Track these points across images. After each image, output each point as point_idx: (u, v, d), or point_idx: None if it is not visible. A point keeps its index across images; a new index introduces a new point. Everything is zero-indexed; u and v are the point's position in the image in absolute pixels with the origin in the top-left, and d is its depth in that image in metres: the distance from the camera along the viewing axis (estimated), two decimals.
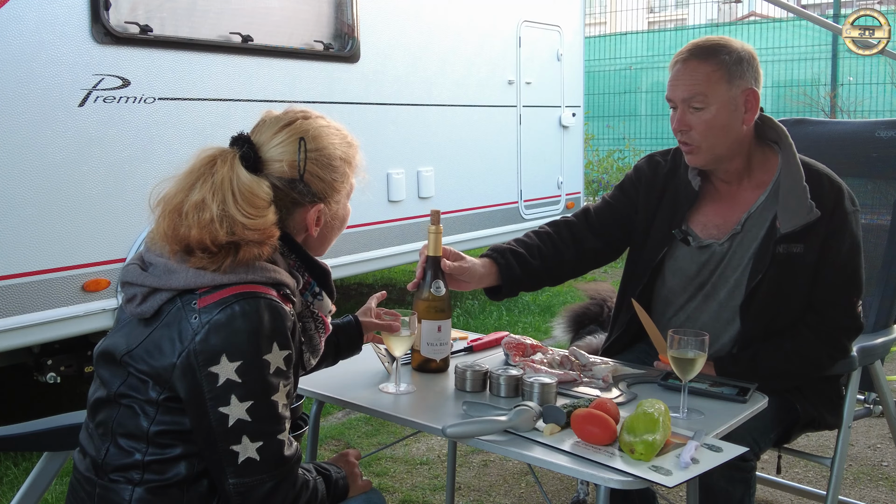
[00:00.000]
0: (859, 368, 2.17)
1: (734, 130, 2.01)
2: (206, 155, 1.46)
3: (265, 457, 1.37)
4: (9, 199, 3.06)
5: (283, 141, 1.50)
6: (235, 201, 1.40)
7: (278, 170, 1.49)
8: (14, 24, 3.07)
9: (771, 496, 3.00)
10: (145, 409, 1.39)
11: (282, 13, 4.22)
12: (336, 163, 1.55)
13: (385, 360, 2.04)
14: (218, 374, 1.33)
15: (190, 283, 1.38)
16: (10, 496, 2.90)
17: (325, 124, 1.57)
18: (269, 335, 1.36)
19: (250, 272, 1.40)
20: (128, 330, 1.44)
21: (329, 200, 1.55)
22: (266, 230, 1.42)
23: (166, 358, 1.36)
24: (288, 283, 1.46)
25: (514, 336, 2.17)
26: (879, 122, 2.63)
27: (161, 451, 1.39)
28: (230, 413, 1.34)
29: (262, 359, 1.36)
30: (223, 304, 1.35)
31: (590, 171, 9.01)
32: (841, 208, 2.01)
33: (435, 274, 2.00)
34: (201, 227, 1.38)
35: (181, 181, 1.44)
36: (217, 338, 1.34)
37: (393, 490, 3.09)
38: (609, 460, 1.47)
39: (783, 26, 10.26)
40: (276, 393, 1.38)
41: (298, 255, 1.54)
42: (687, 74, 2.00)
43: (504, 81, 5.68)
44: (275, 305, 1.38)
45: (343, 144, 1.58)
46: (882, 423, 3.45)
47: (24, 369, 3.45)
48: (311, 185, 1.51)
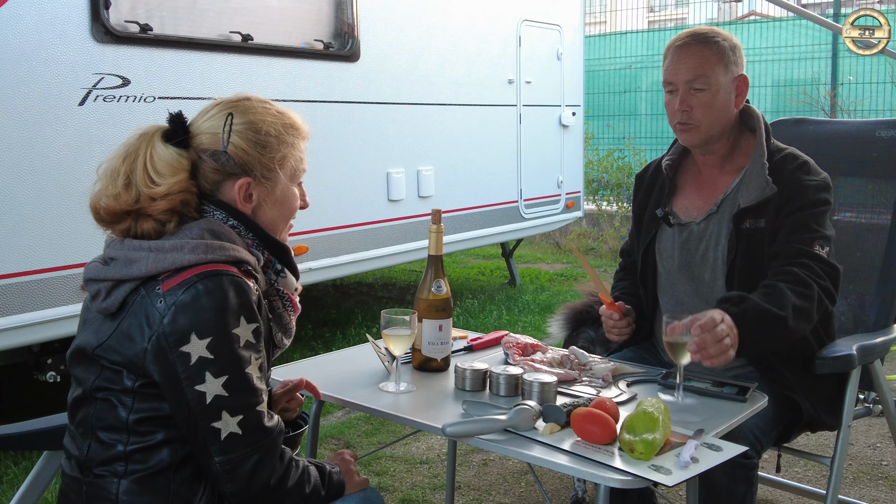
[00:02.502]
0: (859, 368, 2.17)
1: (728, 112, 2.13)
2: (136, 131, 1.53)
3: (247, 430, 1.39)
4: (8, 199, 3.06)
5: (213, 115, 1.54)
6: (145, 170, 1.46)
7: (203, 142, 1.52)
8: (14, 22, 3.07)
9: (771, 495, 3.00)
10: (122, 399, 1.41)
11: (282, 12, 4.23)
12: (264, 138, 1.54)
13: (385, 359, 2.04)
14: (190, 353, 1.36)
15: (151, 269, 1.40)
16: (10, 495, 2.90)
17: (262, 104, 1.58)
18: (235, 310, 1.39)
19: (209, 252, 1.42)
20: (95, 327, 1.46)
21: (258, 176, 1.54)
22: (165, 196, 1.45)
23: (137, 345, 1.38)
24: (248, 260, 1.48)
25: (514, 335, 2.18)
26: (879, 121, 2.63)
27: (142, 440, 1.40)
28: (207, 390, 1.36)
29: (231, 333, 1.38)
30: (186, 285, 1.38)
31: (590, 171, 9.01)
32: (796, 178, 2.08)
33: (436, 273, 2.00)
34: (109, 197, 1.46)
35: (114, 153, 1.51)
36: (184, 317, 1.36)
37: (393, 489, 3.09)
38: (609, 459, 1.47)
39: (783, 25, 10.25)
40: (248, 366, 1.40)
41: (255, 233, 1.55)
42: (689, 57, 2.10)
43: (504, 81, 5.68)
44: (237, 281, 1.41)
45: (279, 124, 1.57)
46: (882, 423, 3.45)
47: (24, 369, 3.45)
48: (235, 157, 1.52)
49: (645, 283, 2.33)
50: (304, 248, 4.20)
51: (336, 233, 4.38)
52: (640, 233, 2.36)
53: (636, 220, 2.40)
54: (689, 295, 2.21)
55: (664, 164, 2.29)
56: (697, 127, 2.11)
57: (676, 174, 2.29)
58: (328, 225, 4.31)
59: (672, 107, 2.13)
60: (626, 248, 2.50)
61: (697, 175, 2.25)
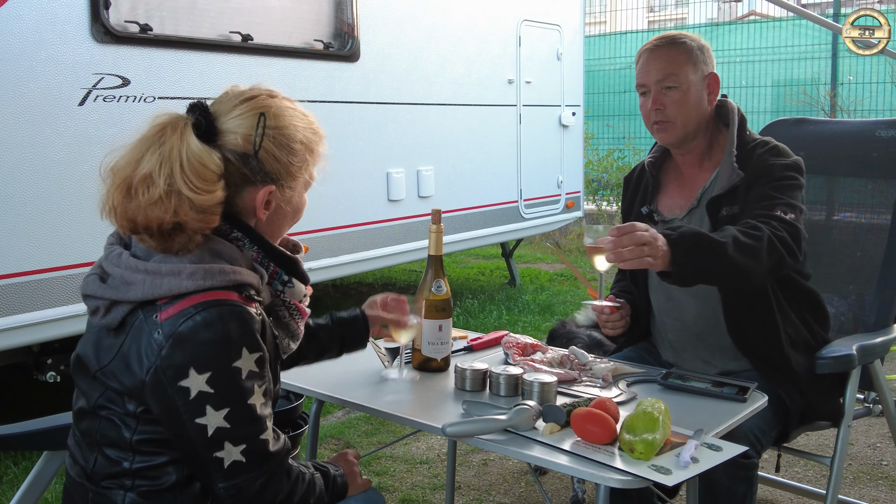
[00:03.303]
0: (859, 367, 2.17)
1: (702, 108, 2.17)
2: (158, 122, 1.40)
3: (251, 458, 1.35)
4: (9, 198, 3.06)
5: (242, 113, 1.44)
6: (183, 172, 1.34)
7: (232, 142, 1.43)
8: (14, 22, 3.07)
9: (771, 495, 3.00)
10: (125, 420, 1.37)
11: (282, 12, 4.22)
12: (295, 146, 1.47)
13: (385, 360, 2.05)
14: (189, 387, 1.30)
15: (147, 294, 1.34)
16: (9, 495, 2.90)
17: (289, 105, 1.50)
18: (236, 342, 1.32)
19: (208, 278, 1.34)
20: (97, 338, 1.41)
21: (283, 184, 1.47)
22: (210, 208, 1.36)
23: (135, 376, 1.33)
24: (250, 283, 1.40)
25: (514, 335, 2.18)
26: (879, 121, 2.62)
27: (148, 459, 1.37)
28: (208, 423, 1.31)
29: (232, 367, 1.32)
30: (184, 317, 1.31)
31: (590, 171, 9.01)
32: (762, 160, 2.11)
33: (436, 273, 2.00)
34: (149, 207, 1.33)
35: (131, 150, 1.39)
36: (182, 352, 1.30)
37: (393, 489, 3.09)
38: (609, 459, 1.47)
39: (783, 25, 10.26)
40: (251, 396, 1.35)
41: (260, 246, 1.48)
42: (658, 59, 2.16)
43: (504, 81, 5.68)
44: (238, 311, 1.34)
45: (307, 129, 1.51)
46: (882, 423, 3.45)
47: (24, 369, 3.45)
48: (265, 163, 1.44)
49: (636, 282, 2.35)
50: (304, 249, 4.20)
51: (336, 233, 4.38)
52: None
53: (625, 220, 2.42)
54: (680, 292, 2.22)
55: (647, 163, 2.33)
56: (673, 124, 2.14)
57: (660, 174, 2.32)
58: (328, 225, 4.31)
59: (646, 108, 2.18)
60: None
61: (679, 174, 2.29)
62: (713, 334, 2.18)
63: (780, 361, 2.09)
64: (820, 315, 2.24)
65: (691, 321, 2.21)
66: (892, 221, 2.47)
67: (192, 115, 1.42)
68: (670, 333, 2.28)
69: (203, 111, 1.43)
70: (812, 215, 2.68)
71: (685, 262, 1.80)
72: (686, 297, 2.20)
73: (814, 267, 2.32)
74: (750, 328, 2.11)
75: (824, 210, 2.66)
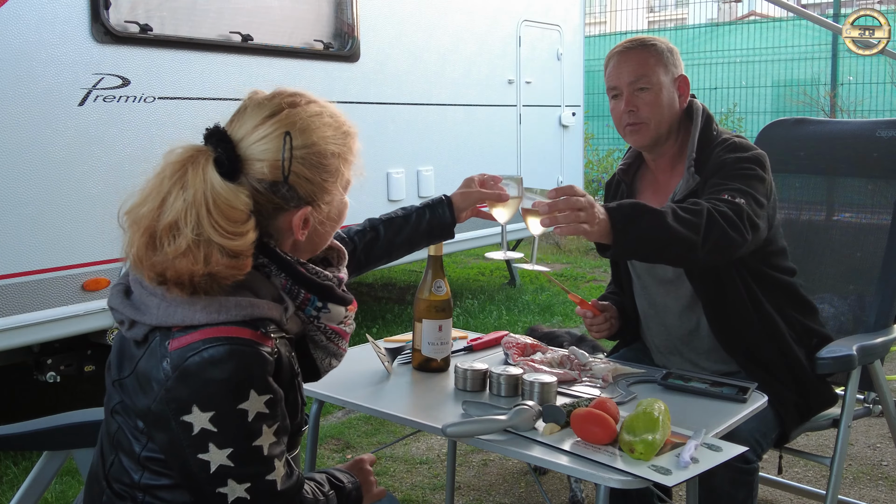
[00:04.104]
0: (858, 368, 2.17)
1: (674, 110, 2.16)
2: (176, 160, 1.29)
3: (257, 495, 1.27)
4: (9, 198, 3.06)
5: (266, 136, 1.32)
6: (211, 217, 1.25)
7: (259, 171, 1.31)
8: (14, 22, 3.07)
9: (771, 495, 3.00)
10: (136, 434, 1.33)
11: (282, 12, 4.23)
12: (328, 160, 1.37)
13: (385, 360, 2.05)
14: (192, 423, 1.23)
15: (161, 321, 1.27)
16: (9, 495, 2.90)
17: (317, 111, 1.38)
18: (242, 383, 1.24)
19: (223, 311, 1.25)
20: (123, 346, 1.36)
21: (318, 202, 1.37)
22: (243, 252, 1.27)
23: (144, 400, 1.28)
24: (270, 317, 1.30)
25: (514, 336, 2.18)
26: (879, 121, 2.62)
27: (154, 478, 1.32)
28: (210, 460, 1.24)
29: (237, 409, 1.23)
30: (192, 351, 1.23)
31: (589, 171, 9.02)
32: (717, 157, 2.09)
33: (436, 274, 2.00)
34: (177, 259, 1.24)
35: (151, 195, 1.29)
36: (185, 388, 1.23)
37: (393, 489, 3.09)
38: (609, 460, 1.47)
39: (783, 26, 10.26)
40: (258, 437, 1.26)
41: (289, 274, 1.37)
42: (629, 61, 2.16)
43: (504, 81, 5.68)
44: (248, 352, 1.25)
45: (337, 136, 1.40)
46: (882, 423, 3.44)
47: (24, 369, 3.45)
48: (297, 187, 1.33)
49: (621, 286, 2.36)
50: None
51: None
52: None
53: None
54: (661, 296, 2.23)
55: (618, 170, 2.33)
56: (647, 125, 2.13)
57: (634, 180, 2.31)
58: None
59: (618, 110, 2.17)
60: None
61: (653, 181, 2.27)
62: (698, 337, 2.19)
63: (766, 357, 2.09)
64: (802, 306, 2.22)
65: (675, 325, 2.22)
66: (892, 222, 2.47)
67: (211, 148, 1.31)
68: (657, 338, 2.28)
69: (223, 140, 1.32)
70: (812, 215, 2.68)
71: (624, 230, 1.76)
72: (668, 302, 2.20)
73: (814, 267, 2.32)
74: (732, 327, 2.11)
75: (824, 210, 2.66)
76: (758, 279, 2.12)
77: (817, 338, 2.20)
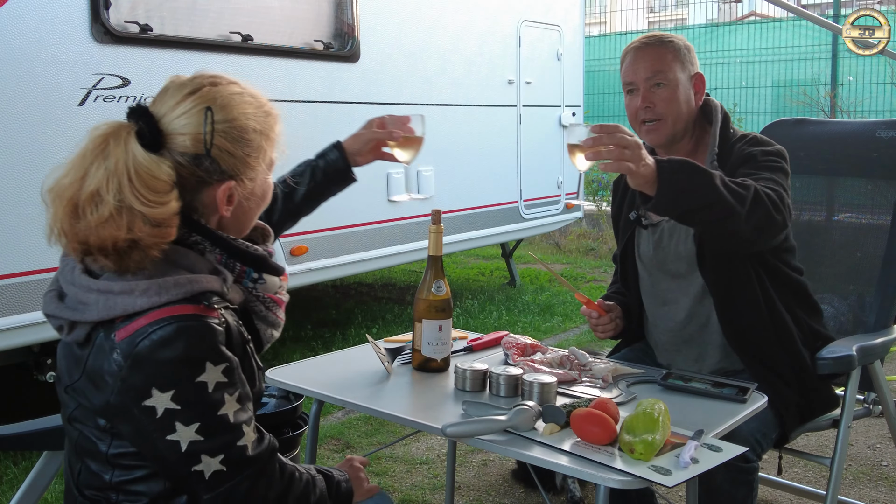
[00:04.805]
0: (858, 368, 2.17)
1: (690, 107, 2.17)
2: (99, 134, 1.32)
3: (231, 465, 1.30)
4: (9, 199, 3.06)
5: (188, 111, 1.34)
6: (132, 186, 1.26)
7: (181, 145, 1.33)
8: (14, 23, 3.07)
9: (771, 496, 3.00)
10: (99, 435, 1.33)
11: (282, 12, 4.23)
12: (249, 135, 1.39)
13: (385, 360, 2.05)
14: (154, 406, 1.25)
15: (103, 315, 1.28)
16: (9, 496, 2.89)
17: (237, 91, 1.41)
18: (197, 357, 1.26)
19: (163, 292, 1.27)
20: (68, 351, 1.37)
21: (242, 177, 1.39)
22: (166, 220, 1.29)
23: (101, 396, 1.29)
24: (211, 289, 1.32)
25: (514, 336, 2.18)
26: (879, 122, 2.62)
27: (127, 473, 1.33)
28: (180, 439, 1.26)
29: (197, 382, 1.26)
30: (141, 336, 1.25)
31: (589, 171, 8.99)
32: (741, 150, 2.10)
33: (435, 274, 2.00)
34: (100, 226, 1.26)
35: (73, 168, 1.31)
36: (141, 374, 1.25)
37: (392, 490, 3.09)
38: (609, 460, 1.47)
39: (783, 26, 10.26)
40: (222, 406, 1.28)
41: (222, 248, 1.40)
42: (647, 57, 2.17)
43: (504, 81, 5.68)
44: (196, 326, 1.27)
45: (259, 114, 1.42)
46: (882, 423, 3.45)
47: (25, 369, 3.45)
48: (220, 161, 1.35)
49: (627, 285, 2.35)
50: (304, 249, 4.20)
51: (336, 233, 4.38)
52: (618, 237, 2.39)
53: (615, 226, 2.44)
54: (672, 292, 2.23)
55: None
56: (664, 122, 2.13)
57: None
58: (328, 225, 4.31)
59: (634, 106, 2.16)
60: (617, 254, 2.52)
61: None
62: (706, 333, 2.19)
63: (771, 356, 2.10)
64: (810, 307, 2.23)
65: (683, 321, 2.21)
66: (892, 222, 2.48)
67: (133, 122, 1.34)
68: (663, 335, 2.28)
69: (145, 115, 1.35)
70: (812, 216, 2.68)
71: (670, 181, 1.74)
72: (679, 297, 2.20)
73: (814, 267, 2.32)
74: (742, 324, 2.11)
75: (824, 211, 2.66)
76: (771, 275, 2.12)
77: (821, 340, 2.20)
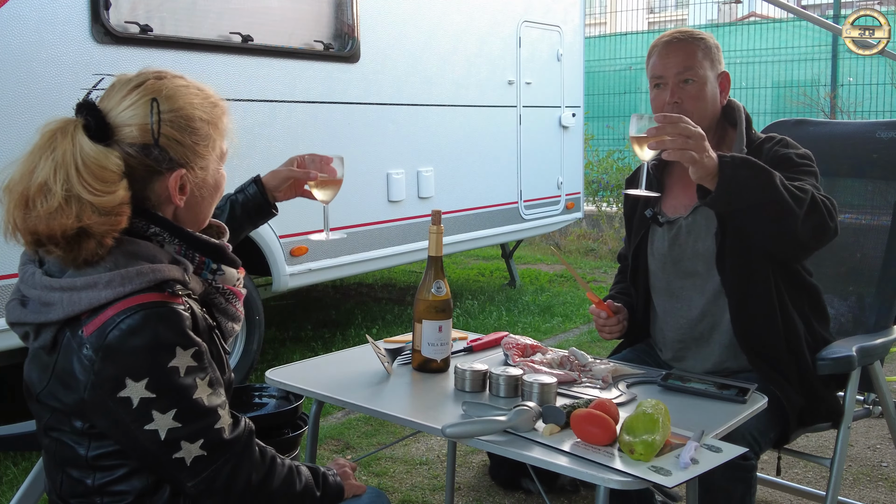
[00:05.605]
0: (858, 369, 2.17)
1: (715, 106, 2.18)
2: (47, 130, 1.35)
3: (211, 449, 1.32)
4: None
5: (134, 103, 1.37)
6: (80, 176, 1.28)
7: (129, 136, 1.35)
8: (14, 23, 3.07)
9: (770, 496, 3.00)
10: (76, 439, 1.34)
11: (282, 13, 4.23)
12: (197, 124, 1.41)
13: (385, 361, 2.05)
14: (129, 396, 1.26)
15: (68, 312, 1.29)
16: (9, 496, 2.89)
17: (183, 84, 1.44)
18: (167, 342, 1.28)
19: (126, 283, 1.29)
20: (37, 360, 1.39)
21: (192, 166, 1.41)
22: (115, 209, 1.30)
23: (74, 393, 1.30)
24: (173, 278, 1.34)
25: (514, 336, 2.18)
26: (879, 122, 2.63)
27: (109, 473, 1.34)
28: (158, 427, 1.28)
29: (169, 367, 1.28)
30: (109, 327, 1.27)
31: (590, 172, 9.02)
32: (775, 152, 2.10)
33: (435, 274, 2.00)
34: (50, 216, 1.27)
35: (23, 163, 1.33)
36: (113, 365, 1.26)
37: (392, 490, 3.09)
38: (608, 460, 1.47)
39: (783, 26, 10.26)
40: (196, 390, 1.31)
41: (181, 238, 1.41)
42: (677, 52, 2.15)
43: (504, 81, 5.68)
44: (163, 311, 1.29)
45: (205, 105, 1.44)
46: (882, 424, 3.45)
47: None
48: (169, 149, 1.37)
49: (636, 283, 2.35)
50: (304, 249, 4.20)
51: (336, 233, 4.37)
52: (630, 235, 2.38)
53: (627, 223, 2.43)
54: (685, 290, 2.23)
55: (649, 165, 2.31)
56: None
57: (663, 176, 2.30)
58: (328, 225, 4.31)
59: (661, 100, 2.15)
60: (623, 253, 2.52)
61: (683, 175, 2.23)
62: (716, 332, 2.19)
63: (779, 359, 2.10)
64: (820, 313, 2.24)
65: (695, 320, 2.21)
66: (892, 223, 2.48)
67: (80, 117, 1.37)
68: (671, 333, 2.28)
69: (91, 110, 1.37)
70: None
71: (732, 176, 1.76)
72: (692, 296, 2.20)
73: (814, 268, 2.32)
74: (754, 325, 2.11)
75: None
76: (786, 278, 2.12)
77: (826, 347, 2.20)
